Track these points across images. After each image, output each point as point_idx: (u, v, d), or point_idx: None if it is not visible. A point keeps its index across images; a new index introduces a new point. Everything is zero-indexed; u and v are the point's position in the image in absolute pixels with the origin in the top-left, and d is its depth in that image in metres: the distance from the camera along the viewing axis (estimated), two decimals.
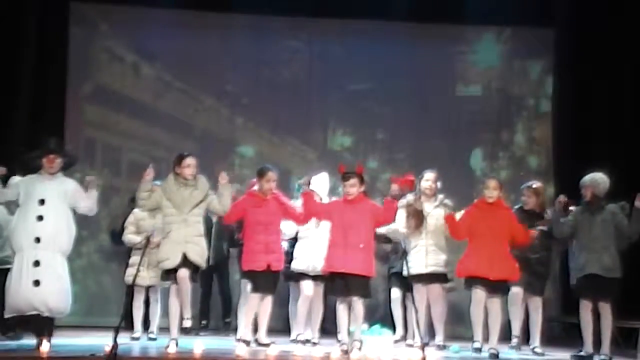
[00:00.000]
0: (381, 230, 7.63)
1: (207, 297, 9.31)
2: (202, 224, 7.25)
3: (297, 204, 7.68)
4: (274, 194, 7.50)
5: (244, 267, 7.49)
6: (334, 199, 7.68)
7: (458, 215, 7.51)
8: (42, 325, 6.94)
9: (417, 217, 7.78)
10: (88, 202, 7.20)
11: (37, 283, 6.84)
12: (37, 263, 6.88)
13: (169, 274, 7.26)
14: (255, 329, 7.76)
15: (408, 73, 10.88)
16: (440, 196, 7.87)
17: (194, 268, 7.19)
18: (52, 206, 7.02)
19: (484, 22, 10.80)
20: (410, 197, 7.66)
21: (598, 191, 7.39)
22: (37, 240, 6.89)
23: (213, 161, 9.50)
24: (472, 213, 7.37)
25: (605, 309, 7.29)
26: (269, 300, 7.56)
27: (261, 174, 7.54)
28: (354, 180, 7.16)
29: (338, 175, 7.38)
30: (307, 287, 7.89)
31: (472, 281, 7.28)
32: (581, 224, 7.41)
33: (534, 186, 8.01)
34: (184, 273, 7.10)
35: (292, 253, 7.98)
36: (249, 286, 7.59)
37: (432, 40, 10.92)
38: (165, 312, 7.91)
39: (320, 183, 8.04)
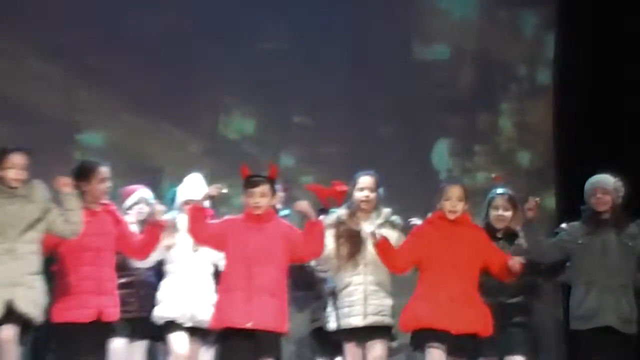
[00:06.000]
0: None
1: None
2: (39, 254, 6.71)
3: (169, 218, 7.16)
4: (107, 204, 6.96)
5: (56, 317, 6.76)
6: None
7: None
8: None
9: (352, 242, 7.00)
10: None
11: None
12: None
13: None
14: None
15: (342, 27, 9.87)
16: (386, 210, 7.10)
17: (24, 323, 6.55)
18: None
19: None
20: (341, 212, 6.97)
21: (618, 201, 6.89)
22: None
23: (42, 155, 7.77)
24: (424, 234, 6.75)
25: None
26: None
27: (87, 171, 6.90)
28: (263, 188, 6.55)
29: (233, 180, 6.94)
30: (179, 343, 7.15)
31: (424, 337, 6.54)
32: (588, 248, 6.85)
33: (510, 194, 7.21)
34: (7, 333, 6.46)
35: (154, 294, 7.28)
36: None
37: None
38: None
39: (192, 189, 7.28)
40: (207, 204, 6.91)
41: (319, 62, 9.87)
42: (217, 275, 7.13)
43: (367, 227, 6.94)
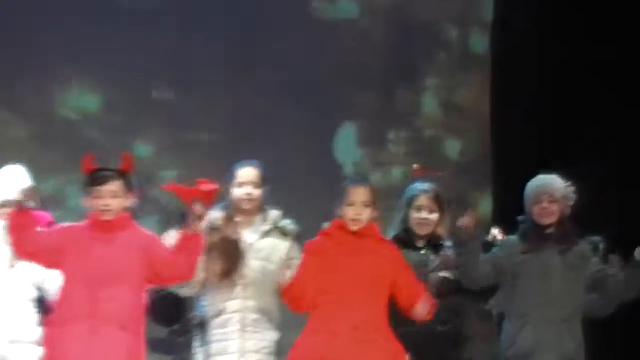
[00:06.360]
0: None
1: None
2: None
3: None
4: None
5: None
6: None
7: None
8: None
9: (228, 255, 6.21)
10: None
11: None
12: None
13: None
14: None
15: None
16: (275, 213, 6.33)
17: None
18: None
19: None
20: (215, 215, 6.19)
21: (567, 212, 6.29)
22: None
23: None
24: (320, 249, 6.05)
25: None
26: None
27: None
28: (115, 186, 5.74)
29: (70, 174, 6.95)
30: None
31: None
32: (524, 270, 6.23)
33: (437, 191, 6.52)
34: None
35: None
36: None
37: None
38: None
39: (9, 187, 6.30)
40: (33, 205, 5.80)
41: (191, 21, 8.84)
42: (42, 301, 6.11)
43: (249, 235, 6.17)
